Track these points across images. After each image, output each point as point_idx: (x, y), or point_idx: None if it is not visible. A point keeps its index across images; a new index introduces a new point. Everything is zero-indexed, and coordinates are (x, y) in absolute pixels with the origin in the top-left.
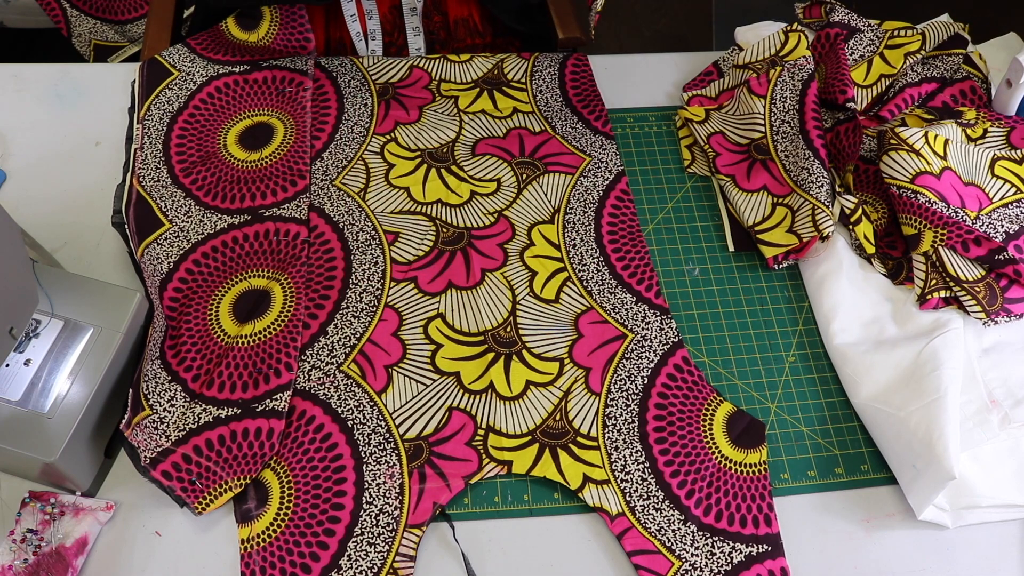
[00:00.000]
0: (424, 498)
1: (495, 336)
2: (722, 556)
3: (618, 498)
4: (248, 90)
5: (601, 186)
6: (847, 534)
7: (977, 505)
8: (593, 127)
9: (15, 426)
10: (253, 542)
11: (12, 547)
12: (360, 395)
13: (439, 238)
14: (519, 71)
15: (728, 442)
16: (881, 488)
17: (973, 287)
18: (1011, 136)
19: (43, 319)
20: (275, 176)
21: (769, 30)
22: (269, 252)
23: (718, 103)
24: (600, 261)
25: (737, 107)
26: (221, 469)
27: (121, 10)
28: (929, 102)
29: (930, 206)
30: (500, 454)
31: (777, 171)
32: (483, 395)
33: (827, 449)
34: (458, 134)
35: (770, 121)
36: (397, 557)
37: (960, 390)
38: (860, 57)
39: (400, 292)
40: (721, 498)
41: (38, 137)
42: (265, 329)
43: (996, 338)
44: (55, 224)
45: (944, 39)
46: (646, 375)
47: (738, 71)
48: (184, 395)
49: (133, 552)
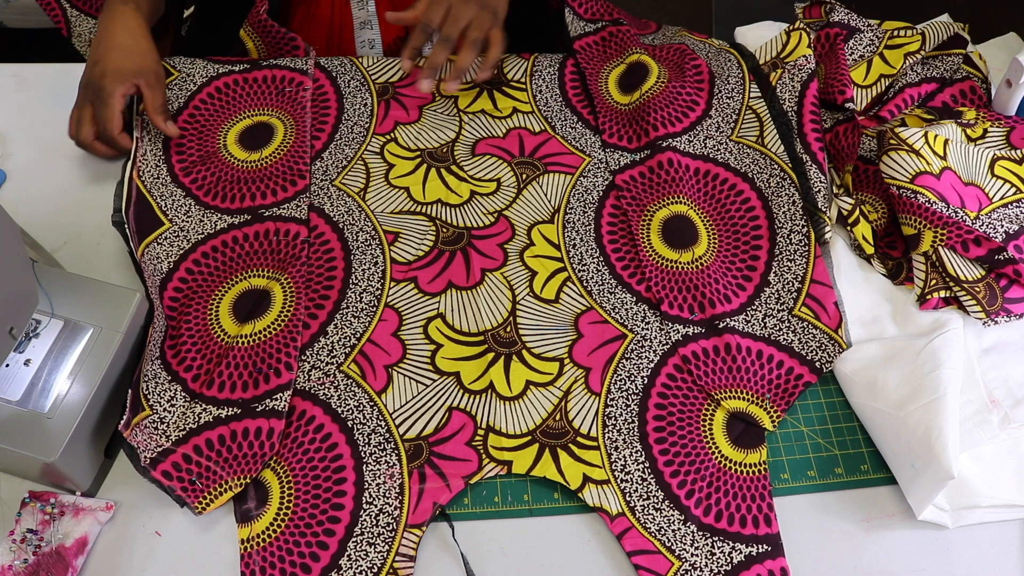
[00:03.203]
0: (424, 498)
1: (495, 336)
2: (722, 556)
3: (618, 498)
4: (248, 90)
5: (601, 186)
6: (847, 534)
7: (977, 505)
8: (593, 127)
9: (15, 426)
10: (253, 542)
11: (12, 547)
12: (360, 395)
13: (439, 238)
14: (519, 71)
15: (728, 442)
16: (881, 488)
17: (973, 287)
18: (1011, 136)
19: (43, 319)
20: (275, 176)
21: (769, 30)
22: (269, 252)
23: None
24: (600, 261)
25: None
26: (221, 469)
27: None
28: (929, 102)
29: (930, 206)
30: (500, 454)
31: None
32: (483, 395)
33: (827, 449)
34: (458, 134)
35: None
36: (397, 557)
37: (960, 390)
38: (860, 57)
39: (400, 292)
40: (721, 498)
41: (38, 137)
42: (265, 329)
43: (996, 338)
44: (55, 224)
45: (944, 39)
46: (646, 375)
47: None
48: (184, 395)
49: (133, 552)
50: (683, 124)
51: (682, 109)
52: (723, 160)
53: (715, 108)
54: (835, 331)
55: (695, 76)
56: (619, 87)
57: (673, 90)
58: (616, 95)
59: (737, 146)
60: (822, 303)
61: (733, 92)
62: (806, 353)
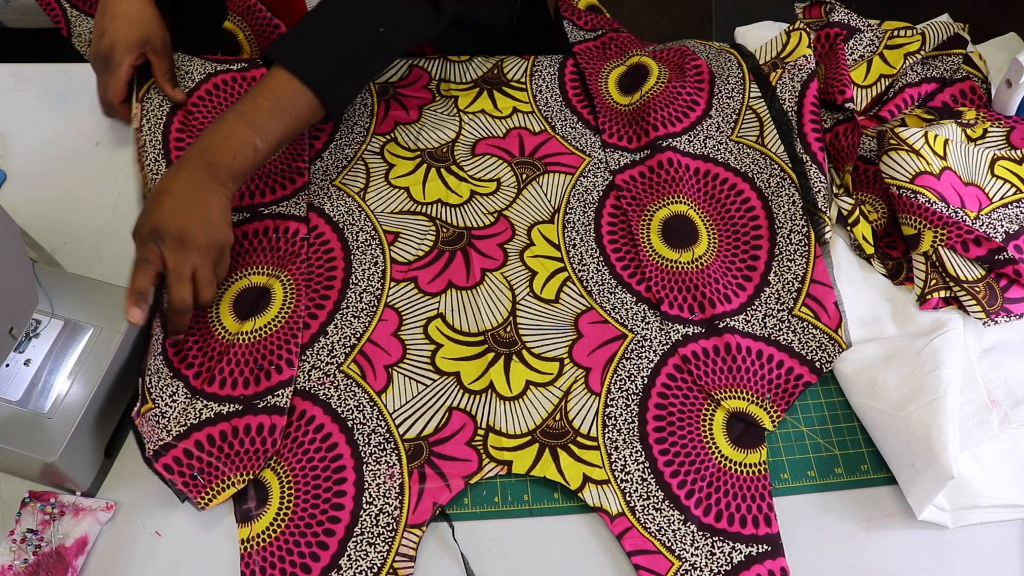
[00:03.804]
0: (424, 498)
1: (495, 336)
2: (722, 556)
3: (618, 498)
4: (245, 88)
5: (601, 186)
6: (847, 534)
7: (977, 505)
8: (593, 127)
9: (15, 426)
10: (253, 542)
11: (12, 547)
12: (360, 395)
13: (439, 238)
14: (519, 71)
15: (728, 442)
16: (881, 488)
17: (973, 287)
18: (1011, 136)
19: (43, 319)
20: (273, 174)
21: (769, 30)
22: (269, 249)
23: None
24: (600, 261)
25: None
26: (223, 464)
27: None
28: (929, 102)
29: (930, 206)
30: (500, 454)
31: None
32: (483, 395)
33: (827, 449)
34: (458, 134)
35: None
36: (397, 557)
37: (960, 390)
38: (860, 57)
39: (400, 292)
40: (721, 498)
41: (38, 137)
42: (265, 326)
43: (996, 338)
44: (55, 224)
45: (944, 39)
46: (646, 375)
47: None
48: (186, 391)
49: (133, 552)
50: (683, 124)
51: (682, 109)
52: (723, 160)
53: (715, 108)
54: (835, 331)
55: (695, 76)
56: (619, 88)
57: (673, 90)
58: (616, 96)
59: (737, 146)
60: (822, 303)
61: (733, 92)
62: (806, 353)
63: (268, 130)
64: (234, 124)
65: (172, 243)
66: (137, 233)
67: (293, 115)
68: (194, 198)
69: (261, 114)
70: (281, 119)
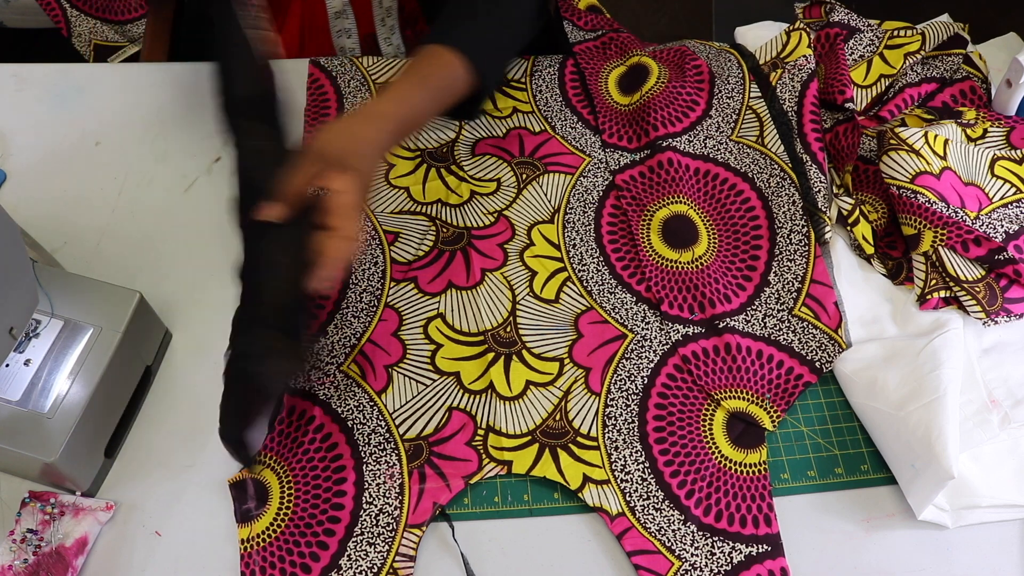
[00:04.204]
0: (424, 498)
1: (495, 336)
2: (722, 556)
3: (618, 498)
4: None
5: (601, 186)
6: (847, 534)
7: (977, 505)
8: (593, 127)
9: (15, 426)
10: (253, 542)
11: (12, 547)
12: (360, 395)
13: (439, 238)
14: (519, 71)
15: (728, 442)
16: (881, 488)
17: (973, 287)
18: (1011, 136)
19: (43, 319)
20: None
21: (769, 30)
22: None
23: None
24: (600, 261)
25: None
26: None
27: (121, 10)
28: (929, 102)
29: (930, 206)
30: (500, 454)
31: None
32: (483, 395)
33: (827, 449)
34: (458, 134)
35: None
36: (397, 557)
37: (960, 390)
38: (860, 57)
39: (400, 292)
40: (721, 498)
41: (38, 137)
42: None
43: (996, 338)
44: (55, 224)
45: (944, 39)
46: (646, 375)
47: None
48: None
49: (133, 552)
50: (683, 124)
51: (682, 109)
52: (723, 160)
53: (715, 108)
54: (835, 331)
55: (695, 76)
56: (619, 88)
57: (673, 90)
58: (616, 95)
59: (737, 146)
60: (822, 303)
61: (733, 92)
62: (806, 353)
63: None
64: (409, 91)
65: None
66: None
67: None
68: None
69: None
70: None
